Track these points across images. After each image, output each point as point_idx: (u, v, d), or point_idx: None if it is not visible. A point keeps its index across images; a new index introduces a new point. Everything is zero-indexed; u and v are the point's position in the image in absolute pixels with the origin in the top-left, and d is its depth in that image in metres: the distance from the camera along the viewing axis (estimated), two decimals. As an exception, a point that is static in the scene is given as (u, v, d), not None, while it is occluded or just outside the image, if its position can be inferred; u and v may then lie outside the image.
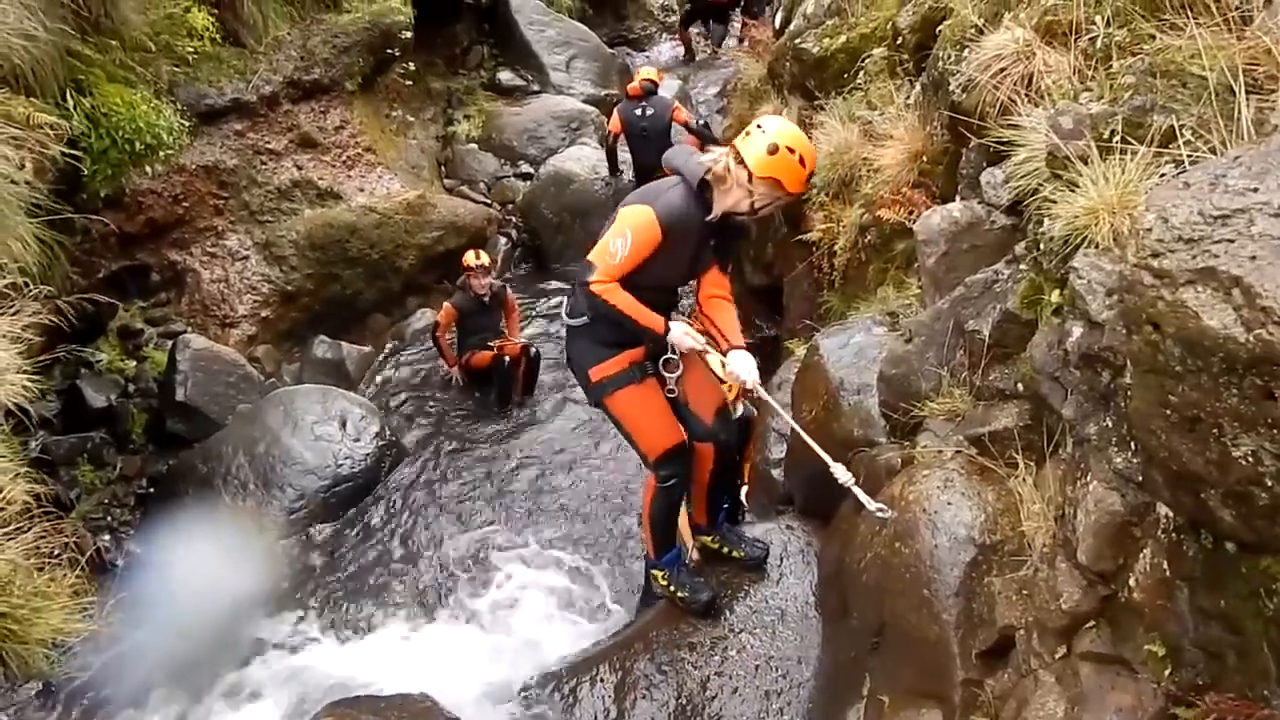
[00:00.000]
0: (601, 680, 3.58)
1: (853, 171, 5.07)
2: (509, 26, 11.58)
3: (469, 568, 5.35)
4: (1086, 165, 2.47)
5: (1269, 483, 1.63)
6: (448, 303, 7.25)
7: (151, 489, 6.06)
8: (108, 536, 5.55)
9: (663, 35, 15.10)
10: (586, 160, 9.50)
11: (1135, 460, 2.13)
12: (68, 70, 5.24)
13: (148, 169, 6.16)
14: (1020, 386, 2.84)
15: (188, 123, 6.30)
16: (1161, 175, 2.29)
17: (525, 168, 10.11)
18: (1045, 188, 2.69)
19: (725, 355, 3.33)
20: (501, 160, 10.27)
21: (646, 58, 14.00)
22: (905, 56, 4.80)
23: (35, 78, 4.80)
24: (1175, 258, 1.71)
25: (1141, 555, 2.16)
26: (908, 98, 4.74)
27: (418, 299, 8.56)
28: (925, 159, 4.35)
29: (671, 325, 3.31)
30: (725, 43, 13.48)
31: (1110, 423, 2.26)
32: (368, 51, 8.66)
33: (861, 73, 5.53)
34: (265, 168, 7.79)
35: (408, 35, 8.95)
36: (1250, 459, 1.64)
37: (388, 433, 6.35)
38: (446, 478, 6.20)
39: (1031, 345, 2.71)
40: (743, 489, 4.94)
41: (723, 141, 7.66)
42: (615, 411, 3.52)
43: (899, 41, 4.84)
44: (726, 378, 3.40)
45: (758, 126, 3.24)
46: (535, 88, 11.30)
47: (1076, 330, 2.37)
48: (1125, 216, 2.27)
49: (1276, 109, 2.18)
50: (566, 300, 3.62)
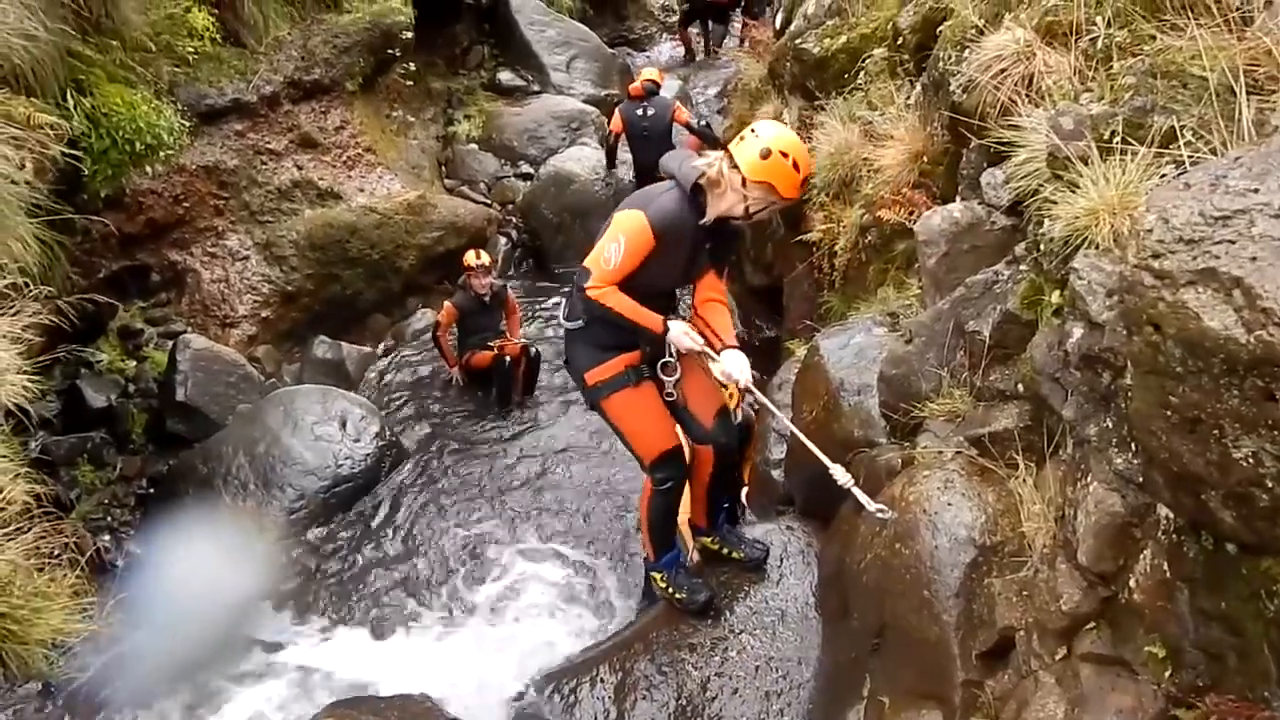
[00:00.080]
0: (602, 681, 3.58)
1: (853, 172, 5.06)
2: (509, 27, 11.59)
3: (469, 568, 5.35)
4: (1087, 166, 2.47)
5: (1269, 484, 1.63)
6: (448, 302, 7.26)
7: (151, 489, 6.06)
8: (108, 537, 5.55)
9: (663, 35, 15.12)
10: (587, 160, 9.51)
11: (1136, 461, 2.13)
12: (68, 70, 5.23)
13: (148, 169, 6.15)
14: (1020, 387, 2.83)
15: (188, 123, 6.29)
16: (1162, 176, 2.29)
17: (525, 168, 10.12)
18: (1046, 188, 2.69)
19: (719, 354, 3.34)
20: (502, 160, 10.28)
21: (647, 58, 14.01)
22: (906, 57, 4.80)
23: (36, 78, 4.79)
24: (1176, 259, 1.71)
25: (1142, 556, 2.16)
26: (908, 98, 4.73)
27: (418, 299, 8.56)
28: (926, 159, 4.35)
29: (670, 325, 3.31)
30: (725, 43, 13.49)
31: (1111, 424, 2.25)
32: (368, 52, 8.66)
33: (862, 73, 5.53)
34: (265, 168, 7.79)
35: (408, 35, 8.95)
36: (1251, 460, 1.64)
37: (388, 433, 6.35)
38: (447, 478, 6.20)
39: (1032, 346, 2.70)
40: (743, 490, 4.94)
41: (723, 142, 7.65)
42: (611, 414, 3.53)
43: (899, 42, 4.84)
44: (720, 377, 3.40)
45: (751, 131, 3.25)
46: (535, 88, 11.31)
47: (1077, 331, 2.37)
48: (1126, 217, 2.26)
49: (1277, 110, 2.18)
50: (564, 303, 3.63)
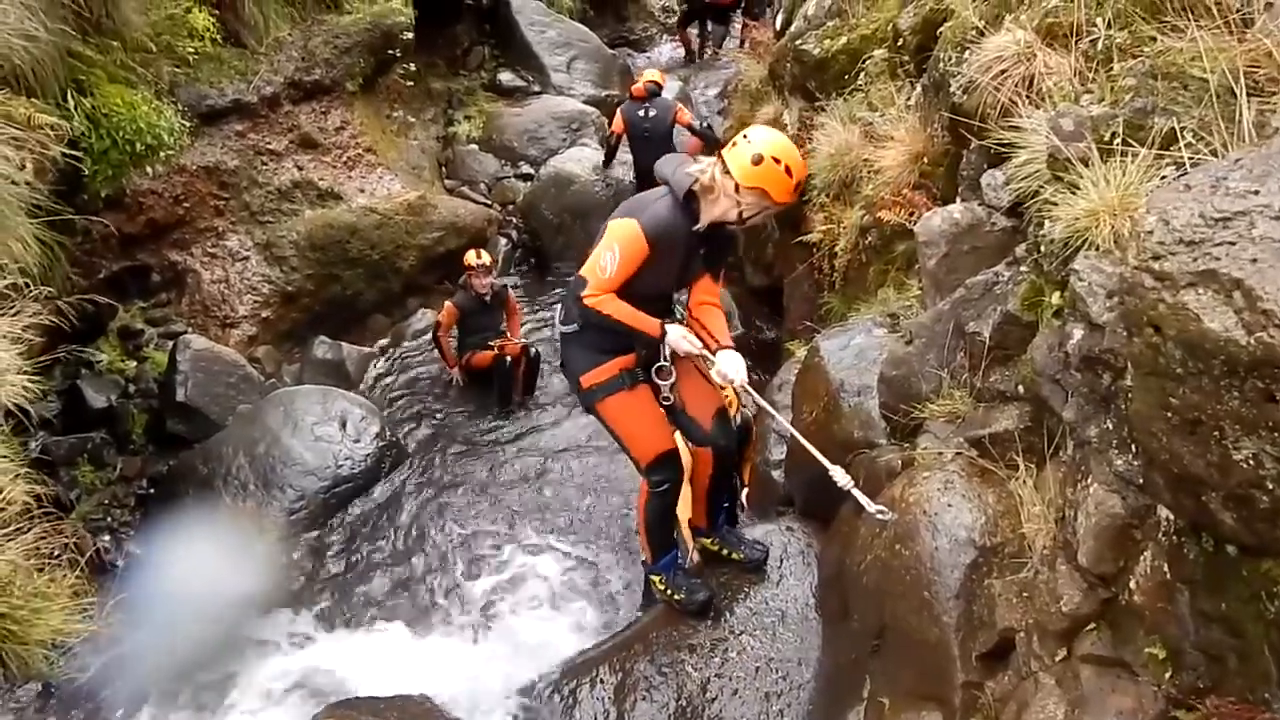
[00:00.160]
0: (601, 682, 3.58)
1: (853, 173, 5.07)
2: (510, 27, 11.59)
3: (469, 568, 5.35)
4: (1087, 167, 2.46)
5: (1270, 485, 1.63)
6: (449, 302, 7.25)
7: (152, 490, 6.06)
8: (108, 537, 5.55)
9: (663, 36, 15.12)
10: (587, 161, 9.50)
11: (1136, 463, 2.12)
12: (68, 71, 5.23)
13: (148, 169, 6.15)
14: (1021, 388, 2.83)
15: (188, 123, 6.29)
16: (1162, 178, 2.29)
17: (526, 168, 10.11)
18: (1046, 190, 2.68)
19: (714, 355, 3.35)
20: (502, 161, 10.27)
21: (647, 59, 14.01)
22: (906, 58, 4.80)
23: (36, 78, 4.79)
24: (1176, 260, 1.71)
25: (1142, 558, 2.16)
26: (908, 99, 4.73)
27: (418, 300, 8.55)
28: (926, 160, 4.34)
29: (668, 329, 3.32)
30: (726, 44, 13.48)
31: (1111, 425, 2.25)
32: (369, 52, 8.65)
33: (862, 74, 5.53)
34: (266, 168, 7.79)
35: (408, 36, 8.94)
36: (1251, 462, 1.64)
37: (388, 433, 6.35)
38: (447, 478, 6.20)
39: (1032, 347, 2.70)
40: (743, 491, 4.94)
41: (724, 144, 7.65)
42: (607, 417, 3.55)
43: (900, 43, 4.84)
44: (716, 377, 3.42)
45: (744, 137, 3.26)
46: (536, 89, 11.31)
47: (1077, 332, 2.37)
48: (1126, 219, 2.26)
49: (1277, 112, 2.18)
50: (558, 308, 3.64)
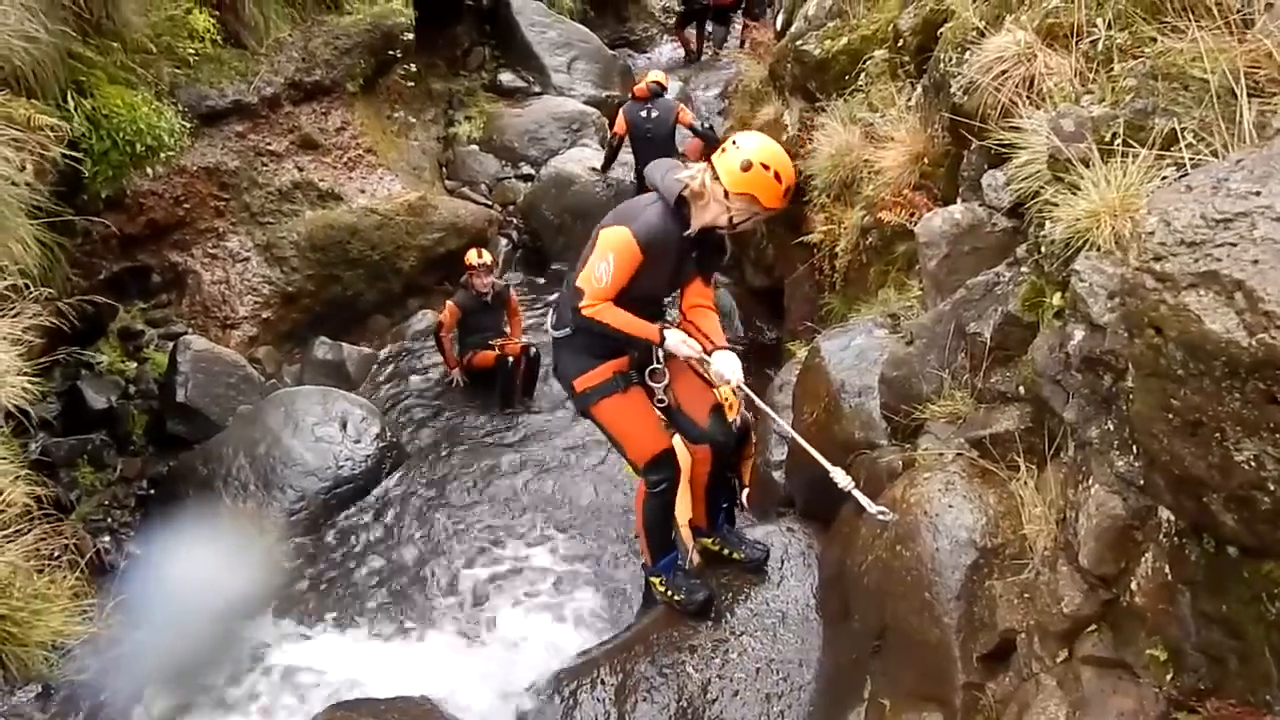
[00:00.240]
0: (602, 683, 3.58)
1: (854, 173, 5.06)
2: (510, 28, 11.59)
3: (470, 569, 5.34)
4: (1088, 168, 2.46)
5: (1271, 487, 1.62)
6: (450, 302, 7.24)
7: (152, 490, 6.06)
8: (108, 538, 5.54)
9: (664, 37, 15.14)
10: (587, 161, 9.50)
11: (1137, 464, 2.12)
12: (69, 72, 5.23)
13: (149, 170, 6.15)
14: (1022, 389, 2.83)
15: (189, 124, 6.28)
16: (1163, 178, 2.28)
17: (526, 169, 10.12)
18: (1046, 190, 2.68)
19: (710, 356, 3.35)
20: (502, 161, 10.28)
21: (648, 59, 14.02)
22: (906, 59, 4.79)
23: (36, 79, 4.79)
24: (1177, 261, 1.71)
25: (1143, 559, 2.15)
26: (909, 100, 4.73)
27: (419, 300, 8.55)
28: (926, 161, 4.34)
29: (667, 333, 3.33)
30: (726, 44, 13.49)
31: (1112, 426, 2.25)
32: (369, 53, 8.65)
33: (863, 75, 5.52)
34: (266, 169, 7.79)
35: (409, 37, 8.95)
36: (1253, 463, 1.64)
37: (388, 434, 6.35)
38: (447, 479, 6.20)
39: (1033, 348, 2.70)
40: (743, 492, 4.94)
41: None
42: (601, 420, 3.57)
43: (900, 44, 4.83)
44: (714, 378, 3.42)
45: (733, 143, 3.28)
46: (536, 89, 11.31)
47: (1078, 333, 2.36)
48: (1127, 219, 2.26)
49: (1278, 113, 2.17)
50: (550, 313, 3.65)
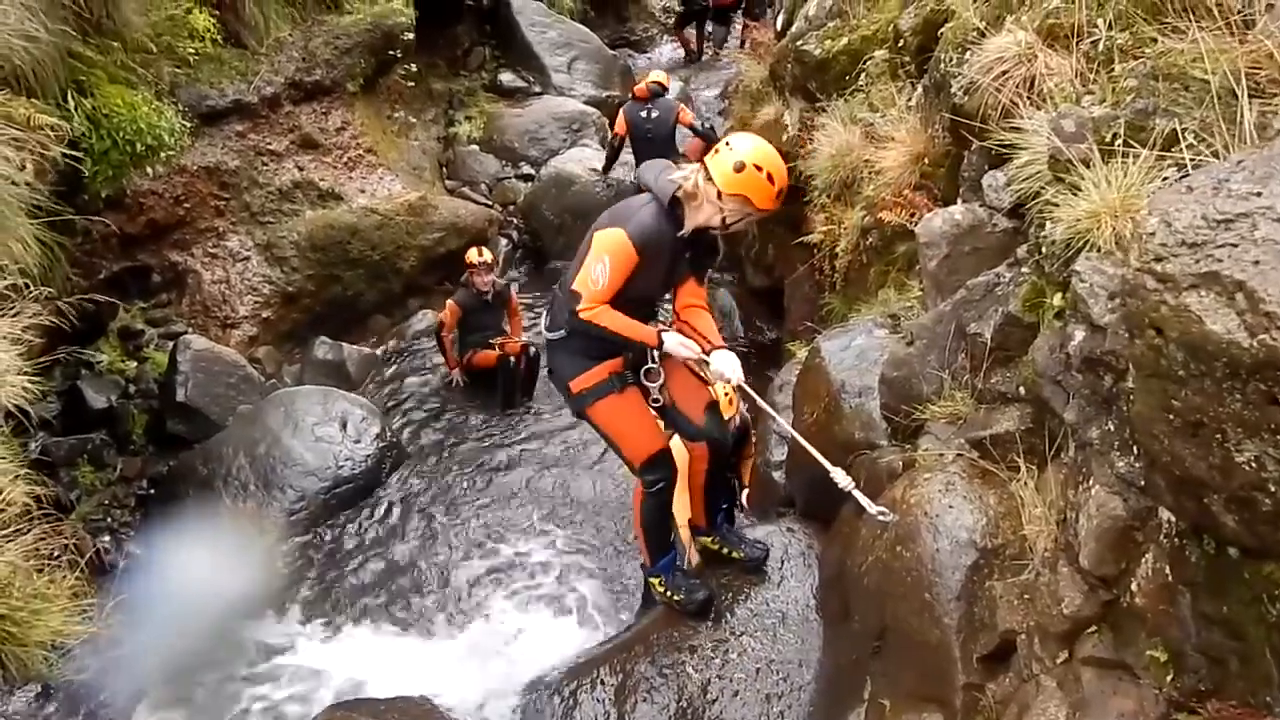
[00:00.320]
0: (602, 683, 3.57)
1: (854, 173, 5.06)
2: (510, 28, 11.59)
3: (469, 569, 5.34)
4: (1088, 168, 2.46)
5: (1272, 488, 1.62)
6: (451, 301, 7.23)
7: (152, 490, 6.05)
8: (108, 538, 5.54)
9: (664, 37, 15.15)
10: (588, 161, 9.50)
11: (1137, 465, 2.12)
12: (69, 71, 5.23)
13: (149, 170, 6.15)
14: (1022, 390, 2.83)
15: (189, 124, 6.29)
16: (1164, 179, 2.28)
17: (526, 169, 10.12)
18: (1047, 191, 2.68)
19: (709, 356, 3.35)
20: (503, 161, 10.28)
21: (648, 59, 14.02)
22: (907, 59, 4.79)
23: (36, 79, 4.79)
24: (1178, 262, 1.71)
25: (1143, 560, 2.15)
26: (909, 100, 4.73)
27: (419, 300, 8.55)
28: (927, 161, 4.34)
29: (665, 336, 3.33)
30: (726, 44, 13.49)
31: (1112, 427, 2.25)
32: (369, 53, 8.65)
33: (863, 75, 5.52)
34: (266, 169, 7.79)
35: (409, 37, 8.94)
36: (1253, 464, 1.64)
37: (388, 434, 6.35)
38: (447, 479, 6.20)
39: (1033, 348, 2.70)
40: (743, 492, 4.94)
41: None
42: (598, 421, 3.56)
43: (900, 44, 4.83)
44: (713, 377, 3.42)
45: (726, 144, 3.29)
46: (537, 89, 11.31)
47: (1078, 334, 2.36)
48: (1127, 220, 2.26)
49: (1279, 113, 2.17)
50: (544, 314, 3.65)
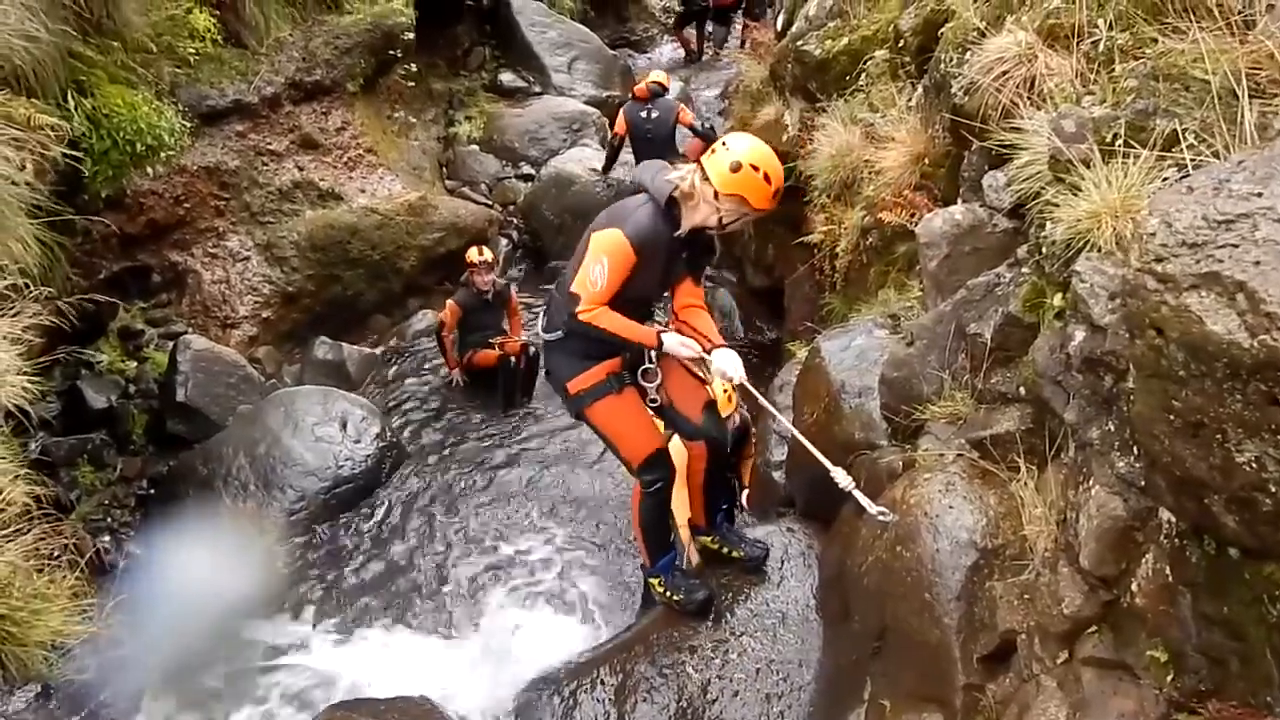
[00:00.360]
0: (602, 683, 3.57)
1: (854, 174, 5.06)
2: (510, 28, 11.59)
3: (470, 569, 5.34)
4: (1089, 169, 2.46)
5: (1273, 488, 1.62)
6: (451, 301, 7.22)
7: (152, 490, 6.05)
8: (108, 538, 5.54)
9: (664, 37, 15.15)
10: (588, 162, 9.49)
11: (1138, 465, 2.12)
12: (69, 71, 5.23)
13: (149, 170, 6.15)
14: (1022, 390, 2.83)
15: (189, 124, 6.29)
16: (1164, 179, 2.28)
17: (526, 169, 10.12)
18: (1047, 191, 2.68)
19: (710, 355, 3.35)
20: (503, 161, 10.28)
21: (648, 59, 14.02)
22: (907, 59, 4.79)
23: (36, 79, 4.79)
24: (1179, 262, 1.71)
25: (1144, 560, 2.15)
26: (909, 100, 4.73)
27: (419, 300, 8.55)
28: (927, 161, 4.34)
29: (665, 337, 3.33)
30: (726, 44, 13.49)
31: (1113, 427, 2.25)
32: (369, 53, 8.65)
33: (863, 75, 5.51)
34: (266, 169, 7.79)
35: (409, 37, 8.95)
36: (1254, 465, 1.64)
37: (389, 434, 6.35)
38: (447, 479, 6.20)
39: (1034, 349, 2.70)
40: (743, 493, 4.94)
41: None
42: (596, 422, 3.56)
43: (901, 44, 4.83)
44: (715, 376, 3.42)
45: (723, 144, 3.29)
46: (537, 89, 11.31)
47: (1079, 334, 2.36)
48: (1128, 220, 2.26)
49: (1279, 114, 2.17)
50: (540, 316, 3.65)
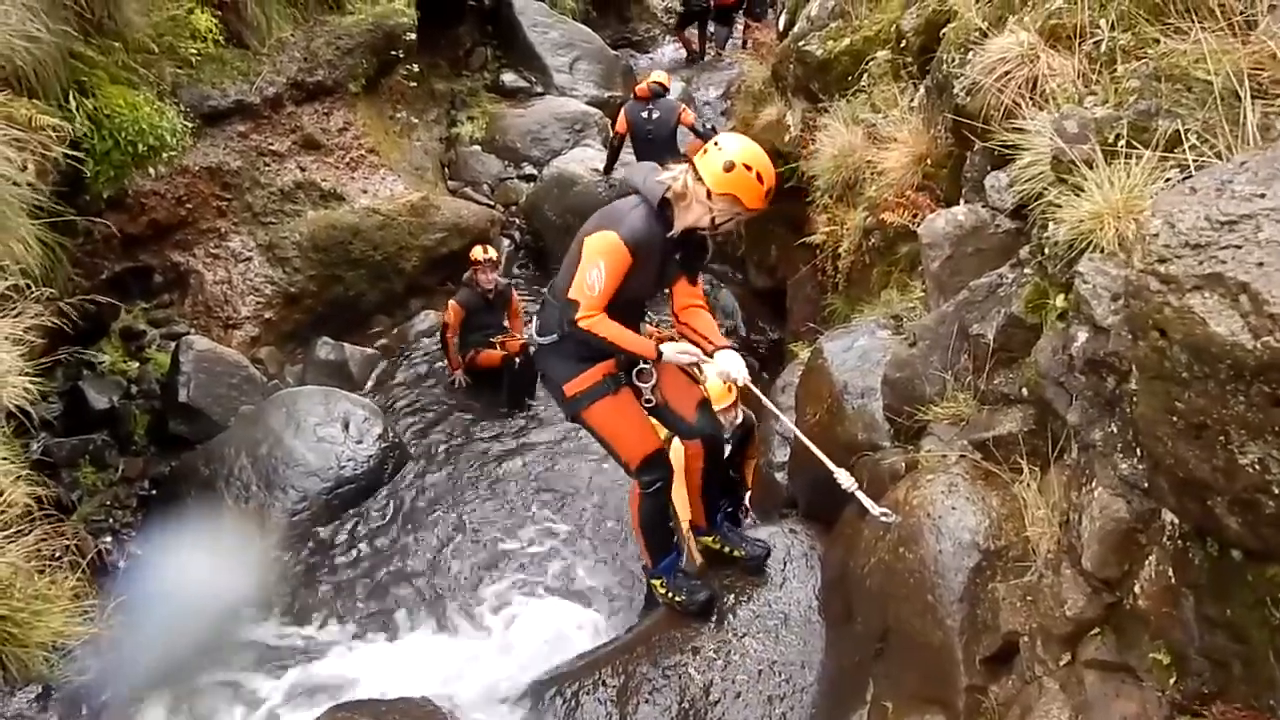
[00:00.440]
0: (604, 684, 3.57)
1: (857, 174, 5.06)
2: (512, 28, 11.59)
3: (472, 570, 5.34)
4: (1091, 169, 2.46)
5: (1276, 490, 1.62)
6: (453, 301, 7.21)
7: (153, 491, 6.05)
8: (109, 538, 5.54)
9: (666, 37, 15.16)
10: (590, 162, 9.49)
11: (1141, 466, 2.11)
12: (70, 72, 5.23)
13: (150, 170, 6.15)
14: (1025, 391, 2.82)
15: (191, 124, 6.28)
16: (1167, 180, 2.28)
17: (528, 169, 10.13)
18: (1050, 192, 2.68)
19: (712, 356, 3.35)
20: (505, 162, 10.28)
21: (650, 59, 14.02)
22: (909, 59, 4.79)
23: (38, 79, 4.79)
24: (1182, 263, 1.70)
25: (1147, 562, 2.15)
26: (912, 101, 4.72)
27: (421, 300, 8.55)
28: (929, 162, 4.34)
29: (663, 348, 3.33)
30: (728, 45, 13.50)
31: (1116, 428, 2.24)
32: (371, 53, 8.65)
33: (865, 75, 5.51)
34: (268, 169, 7.79)
35: (411, 37, 8.94)
36: (1257, 466, 1.63)
37: (390, 434, 6.34)
38: (449, 479, 6.20)
39: (1036, 350, 2.69)
40: (746, 494, 4.94)
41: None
42: (593, 423, 3.56)
43: (903, 44, 4.83)
44: (718, 378, 3.42)
45: (715, 144, 3.29)
46: (539, 89, 11.31)
47: (1081, 335, 2.36)
48: (1131, 221, 2.25)
49: (1283, 113, 2.17)
50: (535, 319, 3.65)
